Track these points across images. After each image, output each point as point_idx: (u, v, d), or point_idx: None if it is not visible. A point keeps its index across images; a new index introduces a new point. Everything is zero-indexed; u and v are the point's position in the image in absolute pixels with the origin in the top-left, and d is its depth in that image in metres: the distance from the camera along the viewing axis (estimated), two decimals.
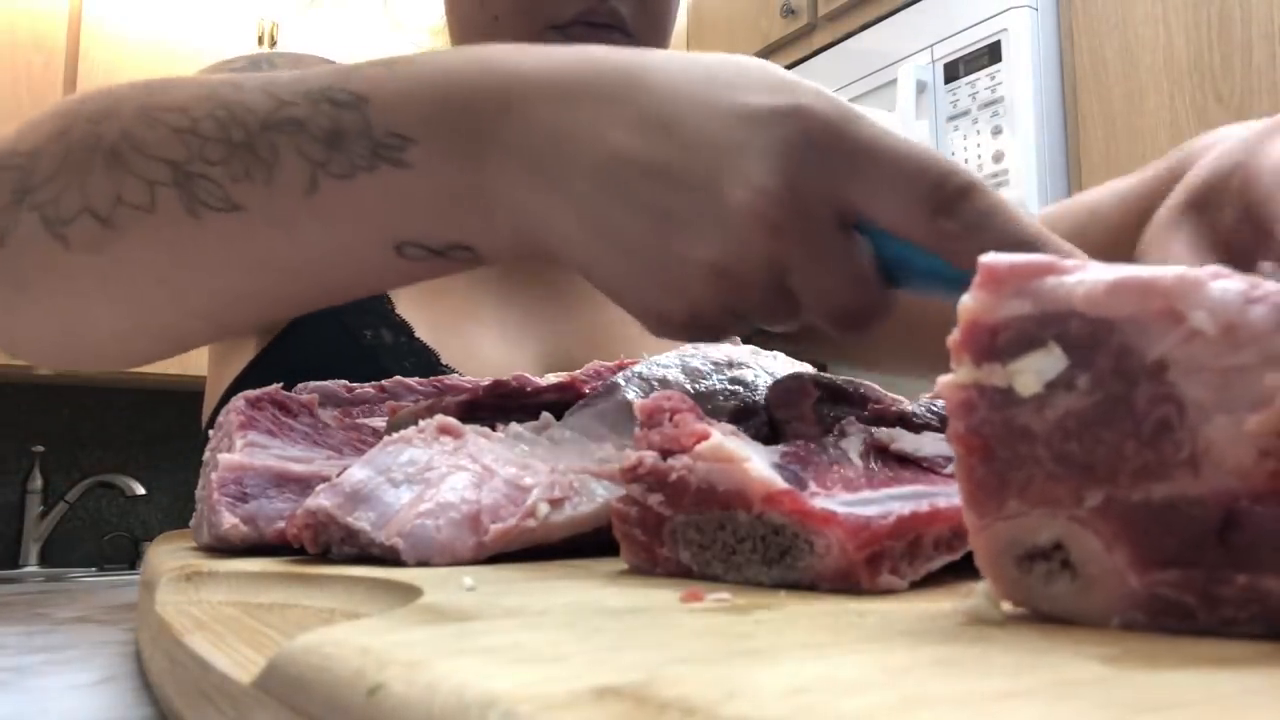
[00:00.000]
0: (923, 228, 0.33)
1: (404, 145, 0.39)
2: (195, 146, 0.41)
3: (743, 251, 0.35)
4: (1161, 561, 0.18)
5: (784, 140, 0.34)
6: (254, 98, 0.42)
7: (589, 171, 0.36)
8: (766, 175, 0.34)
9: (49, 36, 2.32)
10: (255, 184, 0.41)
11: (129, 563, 2.51)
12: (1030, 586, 0.19)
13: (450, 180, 0.39)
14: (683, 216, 0.35)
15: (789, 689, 0.13)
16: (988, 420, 0.19)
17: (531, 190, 0.38)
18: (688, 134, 0.35)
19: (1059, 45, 1.71)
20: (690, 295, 0.36)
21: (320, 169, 0.40)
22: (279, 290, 0.44)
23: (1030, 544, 0.19)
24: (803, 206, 0.34)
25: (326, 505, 0.30)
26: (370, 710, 0.15)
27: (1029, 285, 0.19)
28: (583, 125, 0.37)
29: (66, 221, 0.42)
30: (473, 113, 0.39)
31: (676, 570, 0.26)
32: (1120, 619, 0.18)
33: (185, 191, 0.41)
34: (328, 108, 0.40)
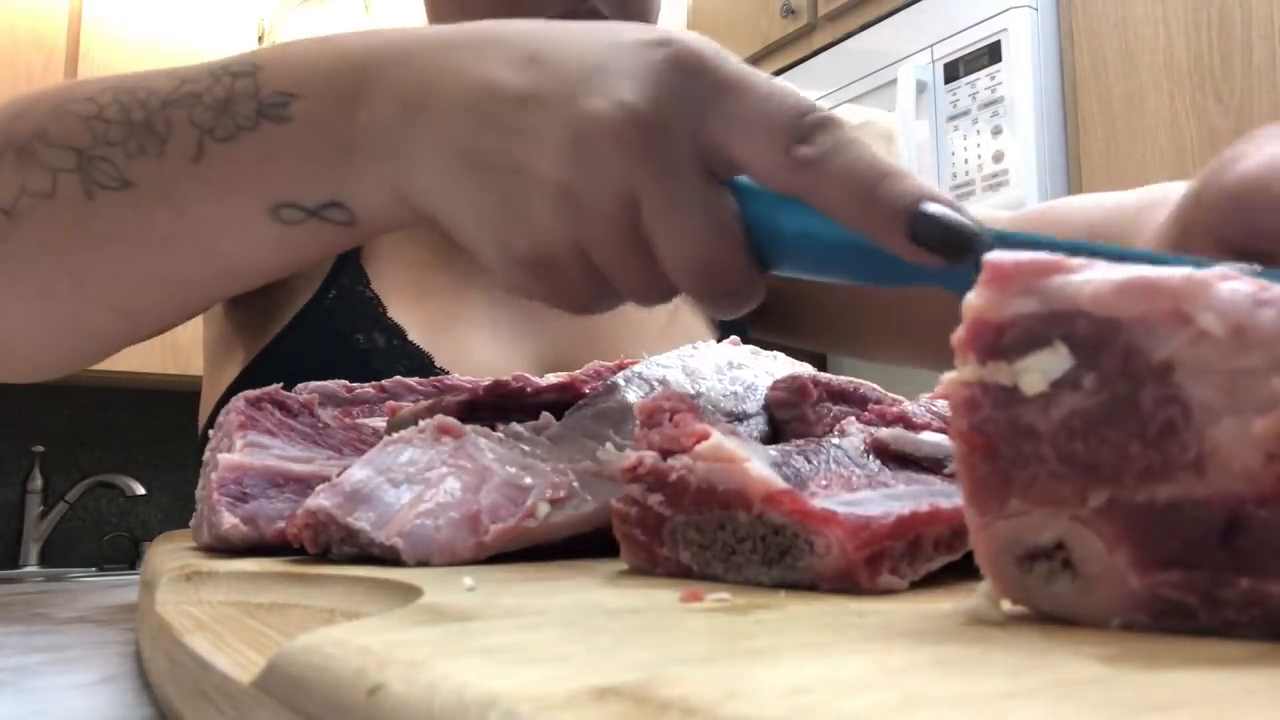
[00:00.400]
0: (780, 157, 0.32)
1: (287, 101, 0.39)
2: (100, 131, 0.42)
3: (592, 169, 0.33)
4: (1163, 563, 0.18)
5: (651, 63, 0.33)
6: (158, 81, 0.42)
7: (459, 106, 0.36)
8: (628, 91, 0.33)
9: (49, 36, 2.32)
10: (148, 158, 0.41)
11: (129, 563, 2.51)
12: (1031, 586, 0.19)
13: (325, 129, 0.39)
14: (538, 133, 0.34)
15: (789, 689, 0.13)
16: (991, 418, 0.19)
17: (400, 129, 0.37)
18: (558, 61, 0.35)
19: (1059, 45, 1.71)
20: (537, 224, 0.34)
21: (207, 135, 0.40)
22: (171, 268, 0.44)
23: (1031, 543, 0.19)
24: (662, 129, 0.32)
25: (326, 505, 0.30)
26: (370, 710, 0.15)
27: (1036, 283, 0.18)
28: (458, 65, 0.36)
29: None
30: (355, 64, 0.39)
31: (676, 570, 0.26)
32: (1121, 619, 0.18)
33: (85, 175, 0.42)
34: (226, 79, 0.41)
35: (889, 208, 0.30)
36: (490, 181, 0.34)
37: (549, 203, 0.33)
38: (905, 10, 1.90)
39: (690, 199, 0.33)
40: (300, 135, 0.39)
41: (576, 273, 0.35)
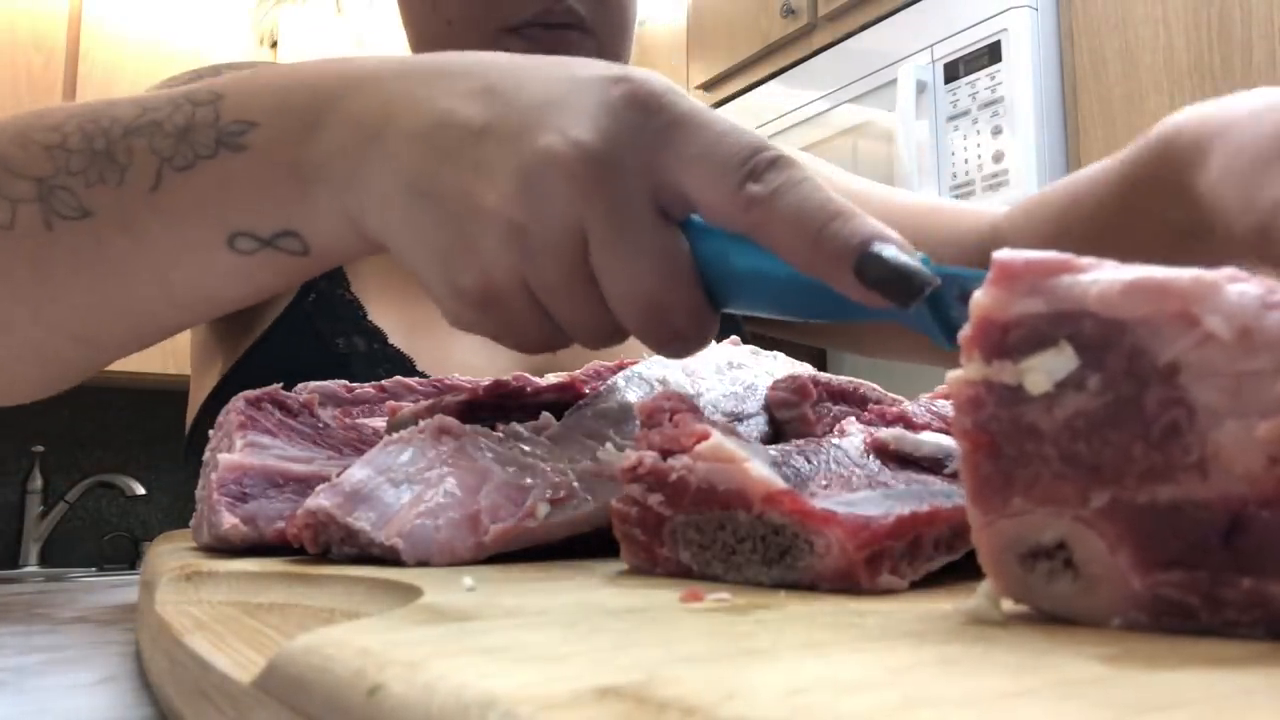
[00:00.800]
0: (730, 194, 0.32)
1: (245, 130, 0.39)
2: (62, 160, 0.42)
3: (540, 205, 0.33)
4: (1165, 563, 0.18)
5: (606, 100, 0.33)
6: (122, 109, 0.42)
7: (413, 136, 0.35)
8: (580, 128, 0.33)
9: (49, 36, 2.32)
10: (107, 187, 0.41)
11: (129, 563, 2.51)
12: (1032, 585, 0.19)
13: (281, 158, 0.39)
14: (489, 165, 0.33)
15: (789, 689, 0.13)
16: (995, 417, 0.19)
17: (356, 160, 0.37)
18: (515, 96, 0.35)
19: (1059, 45, 1.71)
20: (484, 258, 0.34)
21: (166, 164, 0.40)
22: (129, 299, 0.43)
23: (1034, 542, 0.19)
24: (612, 166, 0.32)
25: (326, 505, 0.30)
26: (370, 710, 0.15)
27: (1043, 283, 0.18)
28: (415, 96, 0.36)
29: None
30: (313, 93, 0.39)
31: (676, 570, 0.26)
32: (1122, 619, 0.18)
33: (45, 205, 0.41)
34: (187, 107, 0.41)
35: (837, 248, 0.30)
36: (440, 214, 0.34)
37: (496, 237, 0.33)
38: (905, 10, 1.89)
39: (639, 237, 0.32)
40: (257, 164, 0.39)
41: (522, 309, 0.34)
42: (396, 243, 0.36)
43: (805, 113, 2.11)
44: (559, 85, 0.34)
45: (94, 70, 2.34)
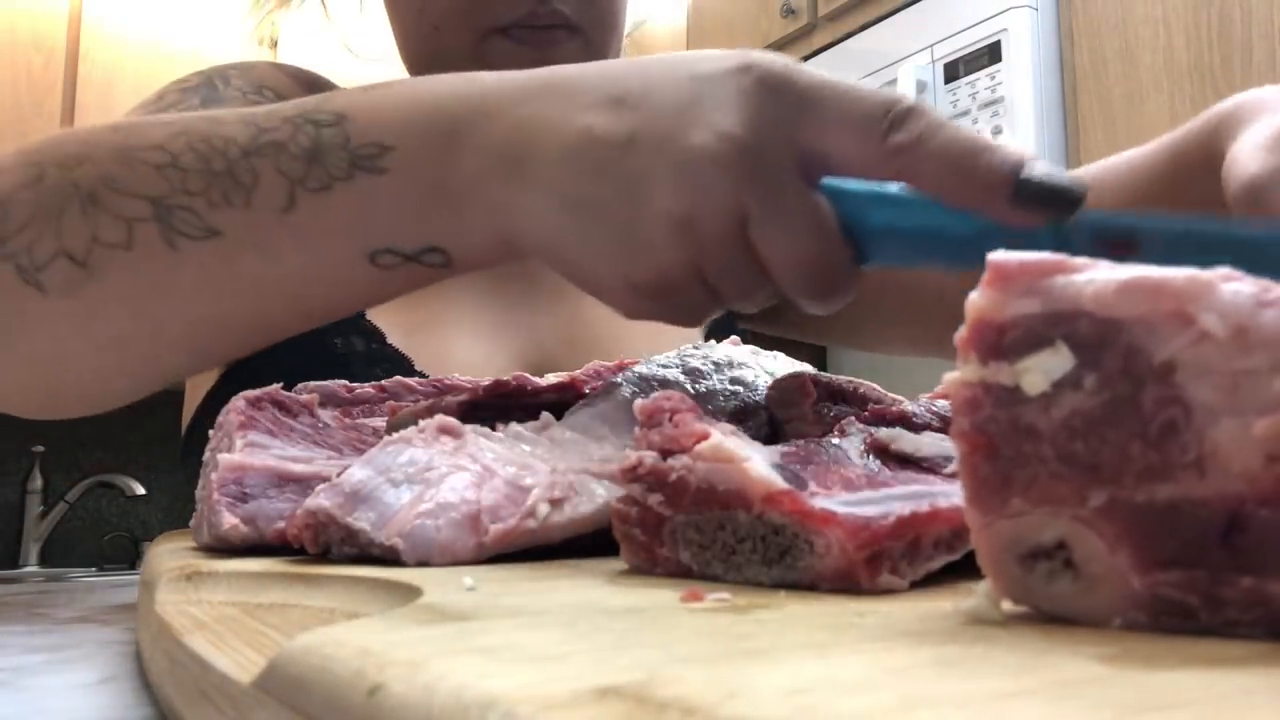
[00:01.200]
0: (875, 147, 0.34)
1: (381, 153, 0.40)
2: (176, 180, 0.42)
3: (706, 198, 0.35)
4: (1164, 562, 0.18)
5: (740, 90, 0.36)
6: (233, 129, 0.42)
7: (559, 155, 0.37)
8: (726, 121, 0.35)
9: (49, 36, 2.32)
10: (234, 208, 0.41)
11: (129, 563, 2.51)
12: (1032, 585, 0.19)
13: (424, 180, 0.40)
14: (649, 173, 0.36)
15: (789, 689, 0.13)
16: (993, 418, 0.19)
17: (503, 181, 0.39)
18: (650, 103, 0.37)
19: (1059, 45, 1.71)
20: (657, 254, 0.36)
21: (298, 185, 0.41)
22: (257, 315, 0.44)
23: (1033, 543, 0.19)
24: (762, 150, 0.35)
25: (326, 505, 0.30)
26: (370, 710, 0.15)
27: (1038, 284, 0.18)
28: (551, 116, 0.38)
29: (41, 268, 0.42)
30: (448, 116, 0.40)
31: (676, 570, 0.26)
32: (1122, 619, 0.18)
33: (164, 225, 0.41)
34: (309, 128, 0.41)
35: (992, 176, 0.33)
36: (606, 222, 0.37)
37: (667, 234, 0.36)
38: (905, 10, 1.90)
39: (794, 208, 0.35)
40: (398, 186, 0.40)
41: (693, 291, 0.37)
42: (555, 252, 0.39)
43: None
44: (687, 85, 0.37)
45: (94, 70, 2.34)
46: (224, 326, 0.44)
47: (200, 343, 0.45)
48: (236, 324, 0.44)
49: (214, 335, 0.45)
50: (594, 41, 0.68)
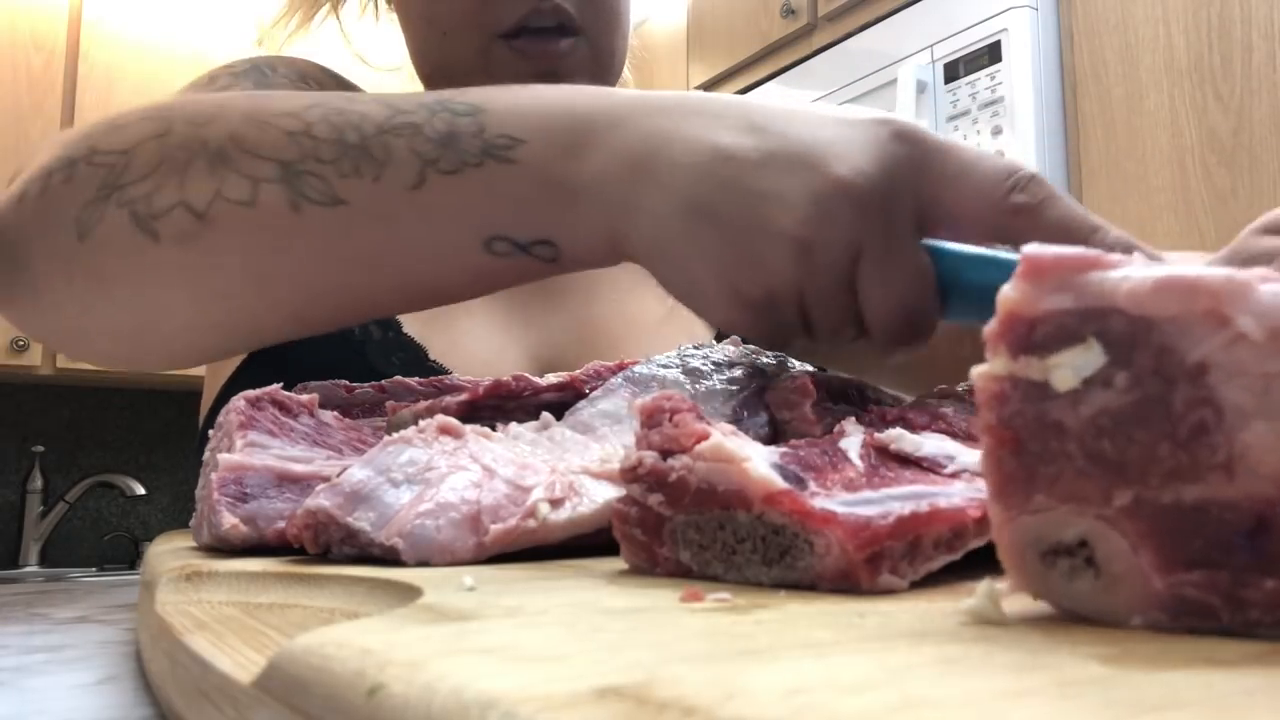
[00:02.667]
0: (997, 204, 0.37)
1: (514, 145, 0.42)
2: (309, 147, 0.43)
3: (829, 228, 0.37)
4: (1187, 563, 0.17)
5: (877, 137, 0.38)
6: (370, 107, 0.44)
7: (692, 168, 0.39)
8: (861, 161, 0.37)
9: (49, 36, 2.32)
10: (363, 180, 0.42)
11: (129, 563, 2.51)
12: (1052, 582, 0.19)
13: (549, 174, 0.41)
14: (779, 192, 0.37)
15: (789, 689, 0.13)
16: (1020, 413, 0.19)
17: (626, 181, 0.40)
18: (788, 134, 0.39)
19: (1059, 45, 1.71)
20: (771, 270, 0.38)
21: (430, 166, 0.42)
22: (366, 287, 0.45)
23: (1055, 539, 0.19)
24: (888, 196, 0.37)
25: (326, 505, 0.30)
26: (370, 710, 0.15)
27: (1072, 279, 0.18)
28: (688, 130, 0.40)
29: (158, 216, 0.43)
30: (582, 118, 0.42)
31: (676, 570, 0.26)
32: (1142, 618, 0.18)
33: (290, 187, 0.42)
34: (445, 114, 0.43)
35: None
36: (725, 233, 0.38)
37: (787, 254, 0.37)
38: (905, 10, 1.89)
39: (904, 254, 0.37)
40: (523, 177, 0.41)
41: (790, 314, 0.39)
42: (670, 259, 0.40)
43: None
44: (828, 126, 0.39)
45: (94, 70, 2.34)
46: (330, 294, 0.45)
47: (302, 308, 0.46)
48: (343, 293, 0.45)
49: (318, 302, 0.46)
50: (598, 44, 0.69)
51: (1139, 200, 1.56)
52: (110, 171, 0.44)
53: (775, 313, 0.39)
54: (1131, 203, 1.57)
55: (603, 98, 0.42)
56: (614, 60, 0.72)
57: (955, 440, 0.32)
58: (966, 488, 0.27)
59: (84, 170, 0.45)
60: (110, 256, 0.44)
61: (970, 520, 0.25)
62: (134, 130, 0.45)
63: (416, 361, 0.65)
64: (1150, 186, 1.55)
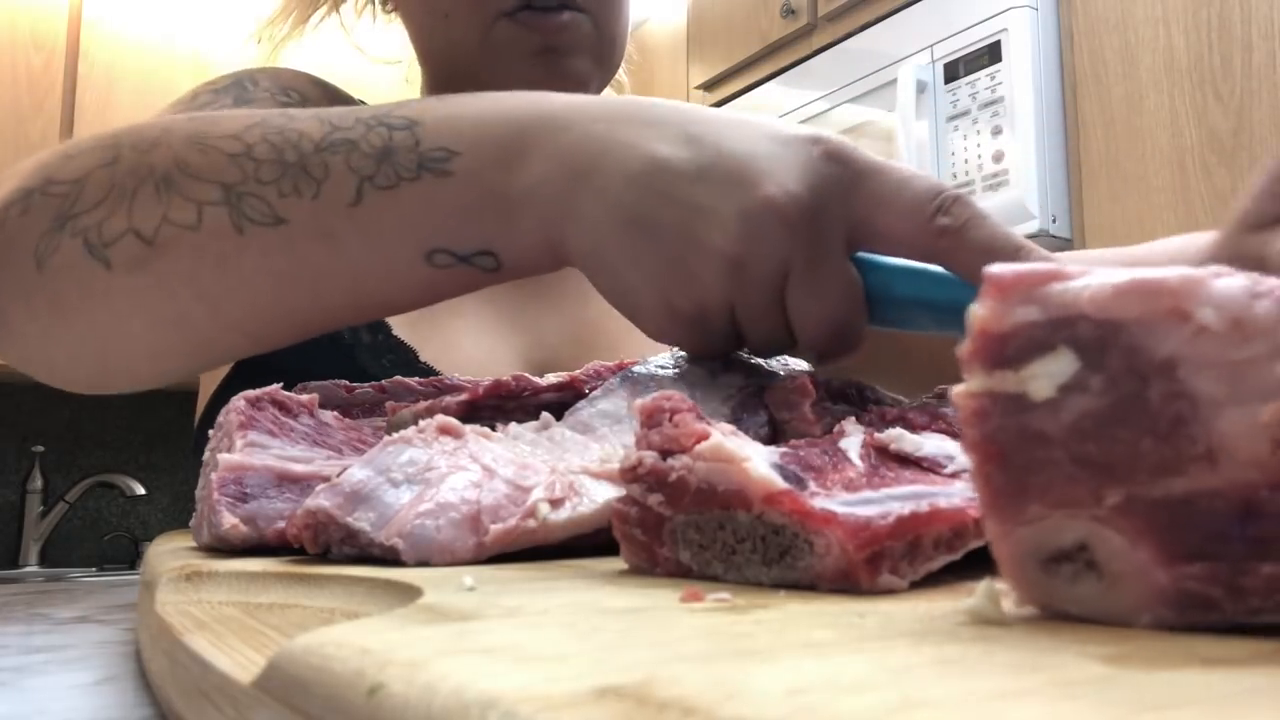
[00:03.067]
0: (923, 225, 0.37)
1: (449, 157, 0.42)
2: (250, 169, 0.43)
3: (759, 245, 0.37)
4: (1186, 555, 0.18)
5: (809, 157, 0.38)
6: (308, 125, 0.44)
7: (629, 177, 0.39)
8: (793, 181, 0.38)
9: (49, 36, 2.32)
10: (303, 199, 0.43)
11: (129, 563, 2.51)
12: (1056, 589, 0.19)
13: (485, 185, 0.42)
14: (712, 209, 0.38)
15: (789, 689, 0.13)
16: (1002, 427, 0.19)
17: (564, 190, 0.40)
18: (723, 148, 0.39)
19: (1059, 45, 1.71)
20: (702, 286, 0.38)
21: (367, 182, 0.42)
22: (313, 303, 0.45)
23: (1054, 546, 0.19)
24: (818, 214, 0.38)
25: (326, 505, 0.30)
26: (370, 710, 0.15)
27: (1036, 292, 0.19)
28: (628, 140, 0.40)
29: (109, 244, 0.44)
30: (518, 126, 0.42)
31: (676, 570, 0.26)
32: (1150, 616, 0.18)
33: (233, 209, 0.43)
34: (382, 129, 0.43)
35: None
36: (660, 245, 0.39)
37: (716, 269, 0.38)
38: (905, 10, 1.89)
39: (832, 272, 0.38)
40: (461, 189, 0.42)
41: (722, 327, 0.40)
42: (602, 266, 0.40)
43: (805, 113, 2.10)
44: (762, 142, 0.39)
45: (94, 70, 2.34)
46: (281, 312, 0.46)
47: (256, 326, 0.46)
48: (293, 310, 0.46)
49: (271, 320, 0.46)
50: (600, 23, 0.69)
51: (1139, 200, 1.56)
52: (64, 201, 0.45)
53: (707, 325, 0.39)
54: (1131, 203, 1.57)
55: (540, 104, 0.43)
56: (615, 43, 0.72)
57: (955, 440, 0.32)
58: (966, 488, 0.27)
59: (39, 201, 0.45)
60: (67, 285, 0.45)
61: (970, 520, 0.25)
62: (85, 159, 0.46)
63: (407, 364, 0.65)
64: (1150, 186, 1.55)
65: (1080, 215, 1.65)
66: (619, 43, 0.73)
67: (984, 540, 0.26)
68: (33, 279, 0.45)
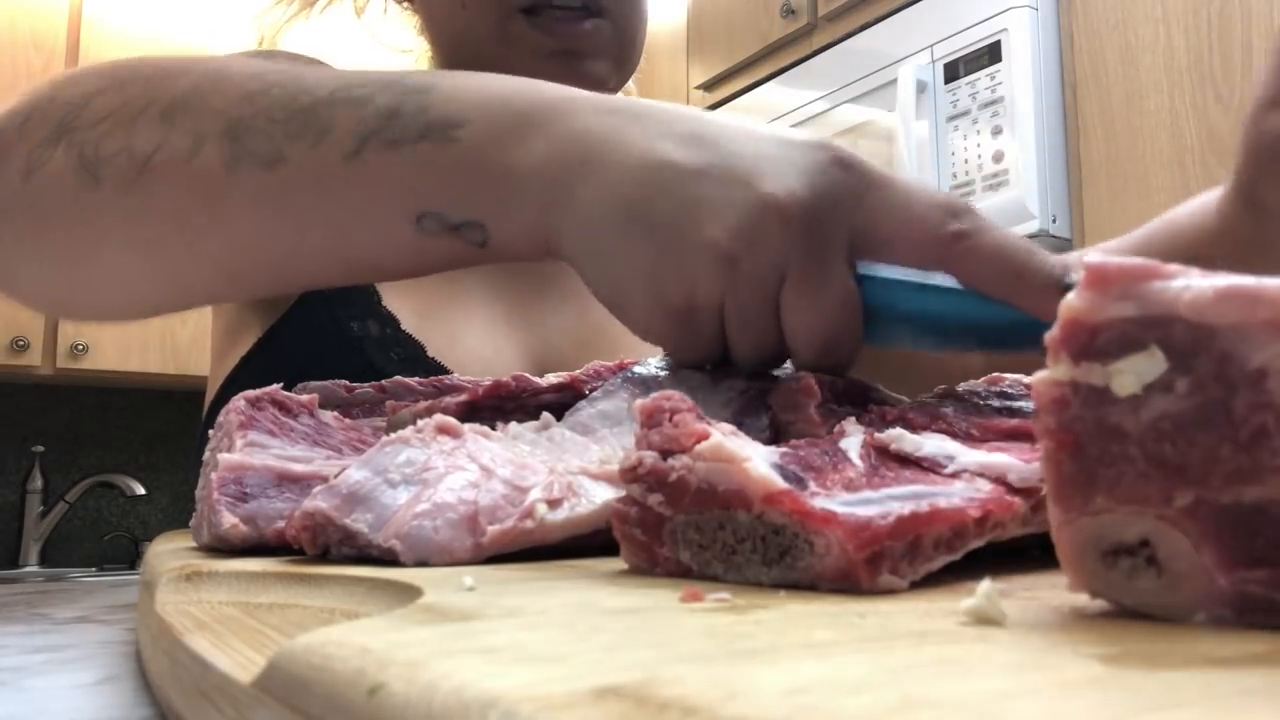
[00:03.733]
0: (934, 234, 0.37)
1: (456, 125, 0.42)
2: (262, 105, 0.44)
3: (756, 243, 0.37)
4: (1250, 561, 0.18)
5: (816, 161, 0.38)
6: (325, 76, 0.45)
7: (629, 170, 0.39)
8: (798, 182, 0.37)
9: (49, 36, 2.32)
10: (304, 142, 0.43)
11: (129, 563, 2.51)
12: (1113, 581, 0.19)
13: (489, 159, 0.41)
14: (712, 202, 0.37)
15: (789, 689, 0.13)
16: (1080, 417, 0.19)
17: (563, 175, 0.40)
18: (732, 147, 0.39)
19: (1059, 45, 1.71)
20: (695, 278, 0.37)
21: (372, 136, 0.42)
22: (295, 249, 0.45)
23: (1115, 539, 0.19)
24: (821, 220, 0.37)
25: (324, 507, 0.30)
26: (370, 710, 0.15)
27: (1134, 288, 0.19)
28: (633, 134, 0.40)
29: (103, 160, 0.44)
30: (526, 105, 0.42)
31: (676, 570, 0.26)
32: (1205, 615, 0.19)
33: (234, 143, 0.43)
34: (397, 91, 0.43)
35: (1044, 278, 0.36)
36: (654, 238, 0.38)
37: (710, 263, 0.37)
38: (905, 10, 1.89)
39: (830, 281, 0.37)
40: (461, 157, 0.42)
41: (710, 327, 0.39)
42: (595, 257, 0.40)
43: (805, 113, 2.10)
44: (768, 144, 0.39)
45: None
46: (260, 254, 0.46)
47: (233, 264, 0.46)
48: (273, 253, 0.46)
49: (250, 260, 0.46)
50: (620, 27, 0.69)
51: (1139, 200, 1.56)
52: (67, 112, 0.45)
53: (695, 324, 0.38)
54: (1131, 203, 1.57)
55: (552, 90, 0.43)
56: (634, 46, 0.72)
57: (955, 440, 0.32)
58: (966, 488, 0.27)
59: (42, 112, 0.46)
60: (51, 196, 0.45)
61: (970, 520, 0.25)
62: (95, 82, 0.46)
63: (415, 358, 0.66)
64: (1150, 186, 1.55)
65: (1080, 215, 1.65)
66: (638, 46, 0.73)
67: (984, 540, 0.26)
68: (17, 190, 0.45)
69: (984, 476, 0.28)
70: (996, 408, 0.38)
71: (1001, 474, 0.28)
